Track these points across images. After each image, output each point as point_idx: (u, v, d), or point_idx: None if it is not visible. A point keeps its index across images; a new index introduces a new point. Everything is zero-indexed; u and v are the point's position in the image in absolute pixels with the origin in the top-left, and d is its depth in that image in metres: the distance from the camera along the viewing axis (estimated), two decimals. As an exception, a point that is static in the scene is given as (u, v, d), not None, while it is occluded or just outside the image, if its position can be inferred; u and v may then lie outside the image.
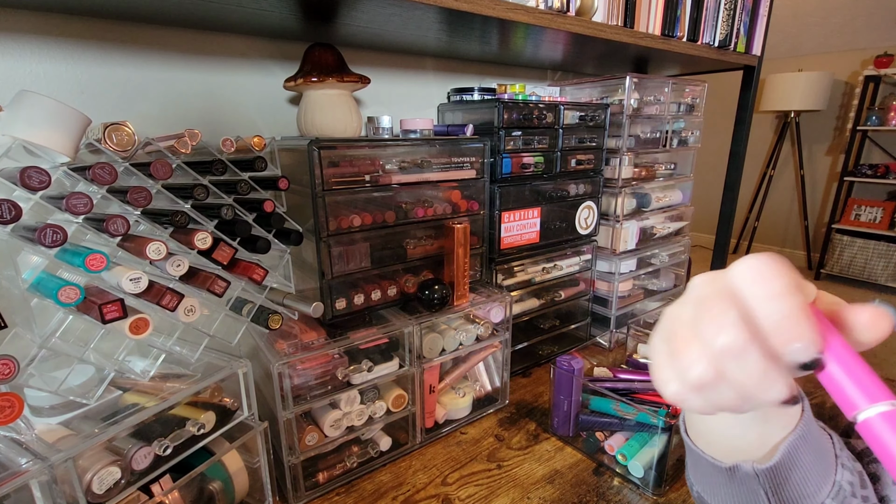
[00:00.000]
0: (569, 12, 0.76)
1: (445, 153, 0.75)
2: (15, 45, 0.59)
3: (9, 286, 0.45)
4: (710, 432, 0.33)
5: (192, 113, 0.74)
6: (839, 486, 0.30)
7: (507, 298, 0.80)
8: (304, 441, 0.62)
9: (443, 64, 1.01)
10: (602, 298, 1.07)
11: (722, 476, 0.32)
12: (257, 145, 0.60)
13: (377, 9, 0.61)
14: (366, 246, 0.69)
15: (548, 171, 0.90)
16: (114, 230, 0.45)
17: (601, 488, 0.65)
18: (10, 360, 0.38)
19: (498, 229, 0.85)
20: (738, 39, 1.08)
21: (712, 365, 0.23)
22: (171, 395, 0.49)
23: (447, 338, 0.74)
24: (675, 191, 1.16)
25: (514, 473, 0.68)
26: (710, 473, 0.34)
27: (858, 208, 3.21)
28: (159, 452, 0.47)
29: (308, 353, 0.61)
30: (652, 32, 0.90)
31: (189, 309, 0.49)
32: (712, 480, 0.34)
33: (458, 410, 0.80)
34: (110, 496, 0.43)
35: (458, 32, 0.77)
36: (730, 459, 0.32)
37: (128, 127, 0.49)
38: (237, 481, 0.58)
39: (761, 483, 0.30)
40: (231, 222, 0.56)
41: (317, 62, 0.71)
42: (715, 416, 0.31)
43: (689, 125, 1.14)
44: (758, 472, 0.30)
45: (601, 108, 0.95)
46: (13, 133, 0.43)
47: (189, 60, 0.72)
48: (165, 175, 0.49)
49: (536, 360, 0.99)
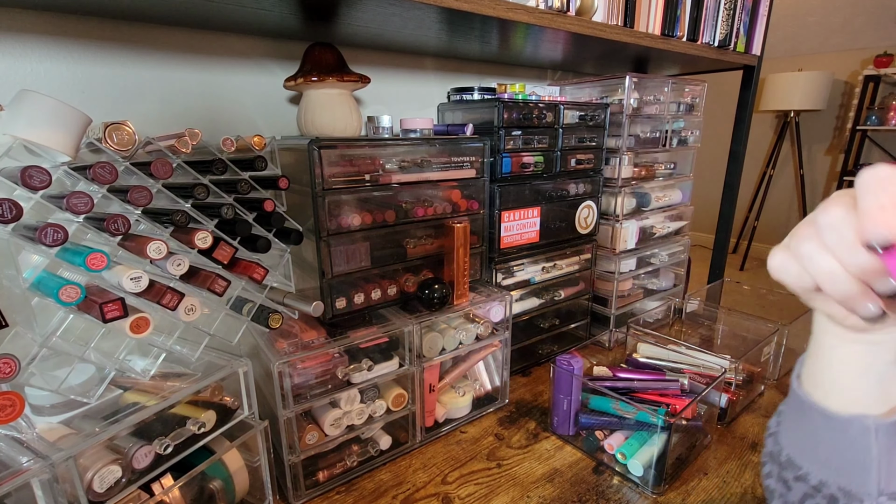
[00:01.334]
0: (569, 12, 0.76)
1: (445, 153, 0.75)
2: (16, 45, 0.59)
3: (10, 285, 0.45)
4: (832, 382, 0.33)
5: (193, 112, 0.74)
6: None
7: (507, 298, 0.80)
8: (304, 440, 0.62)
9: (443, 63, 1.01)
10: (602, 298, 1.08)
11: (833, 431, 0.32)
12: (257, 145, 0.60)
13: (377, 8, 0.61)
14: (366, 245, 0.69)
15: (548, 170, 0.90)
16: (114, 229, 0.45)
17: (601, 487, 0.66)
18: (11, 358, 0.38)
19: (498, 229, 0.85)
20: (738, 39, 1.08)
21: (815, 234, 0.28)
22: (171, 394, 0.50)
23: (447, 337, 0.74)
24: (674, 190, 1.16)
25: (514, 472, 0.69)
26: (818, 428, 0.33)
27: (858, 208, 3.21)
28: (160, 451, 0.47)
29: (308, 352, 0.61)
30: (652, 32, 0.90)
31: (189, 308, 0.49)
32: (817, 437, 0.34)
33: (458, 409, 0.80)
34: (111, 495, 0.44)
35: (459, 32, 0.77)
36: (847, 412, 0.32)
37: (128, 126, 0.49)
38: (237, 480, 0.58)
39: (877, 440, 0.30)
40: (231, 222, 0.56)
41: (317, 62, 0.71)
42: (845, 365, 0.32)
43: (689, 125, 1.14)
44: (878, 427, 0.30)
45: (601, 107, 0.95)
46: (14, 132, 0.43)
47: (189, 60, 0.72)
48: (166, 174, 0.50)
49: (536, 359, 0.99)
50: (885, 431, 0.30)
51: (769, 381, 0.92)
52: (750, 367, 0.87)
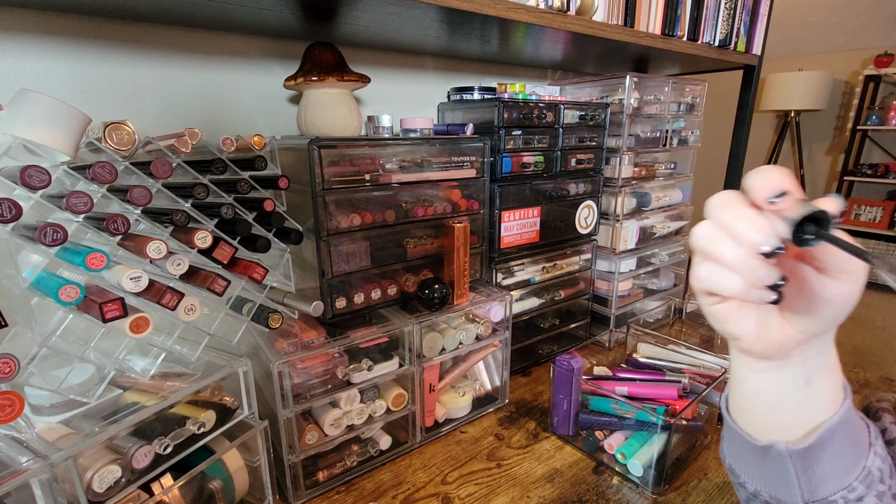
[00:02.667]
0: (569, 11, 0.76)
1: (445, 152, 0.75)
2: (15, 44, 0.59)
3: (9, 285, 0.45)
4: (752, 409, 0.35)
5: (193, 112, 0.74)
6: (868, 470, 0.32)
7: (507, 298, 0.80)
8: (304, 440, 0.62)
9: (443, 63, 1.01)
10: (602, 298, 1.08)
11: (755, 452, 0.35)
12: (257, 144, 0.60)
13: (377, 8, 0.61)
14: (366, 245, 0.69)
15: (548, 170, 0.90)
16: (114, 229, 0.45)
17: (601, 487, 0.66)
18: (10, 358, 0.38)
19: (498, 228, 0.85)
20: (739, 39, 1.08)
21: (714, 222, 0.29)
22: (171, 394, 0.50)
23: (447, 337, 0.74)
24: (674, 190, 1.16)
25: (514, 472, 0.69)
26: (744, 449, 0.36)
27: (858, 208, 3.21)
28: (159, 451, 0.47)
29: (308, 351, 0.61)
30: (652, 32, 0.90)
31: (189, 308, 0.49)
32: (745, 456, 0.36)
33: (458, 409, 0.80)
34: (111, 495, 0.44)
35: (459, 31, 0.77)
36: (766, 438, 0.34)
37: (128, 126, 0.49)
38: (237, 480, 0.58)
39: (793, 462, 0.32)
40: (231, 221, 0.56)
41: (317, 61, 0.71)
42: (759, 396, 0.34)
43: (689, 124, 1.14)
44: (791, 453, 0.32)
45: (601, 107, 0.95)
46: (14, 132, 0.43)
47: (189, 59, 0.72)
48: (165, 174, 0.50)
49: (536, 359, 0.99)
50: (798, 455, 0.32)
51: (769, 381, 0.92)
52: (750, 367, 0.86)
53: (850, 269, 0.28)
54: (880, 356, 2.26)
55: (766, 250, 0.26)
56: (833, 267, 0.28)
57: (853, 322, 2.64)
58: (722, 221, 0.28)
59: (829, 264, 0.28)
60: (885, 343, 2.39)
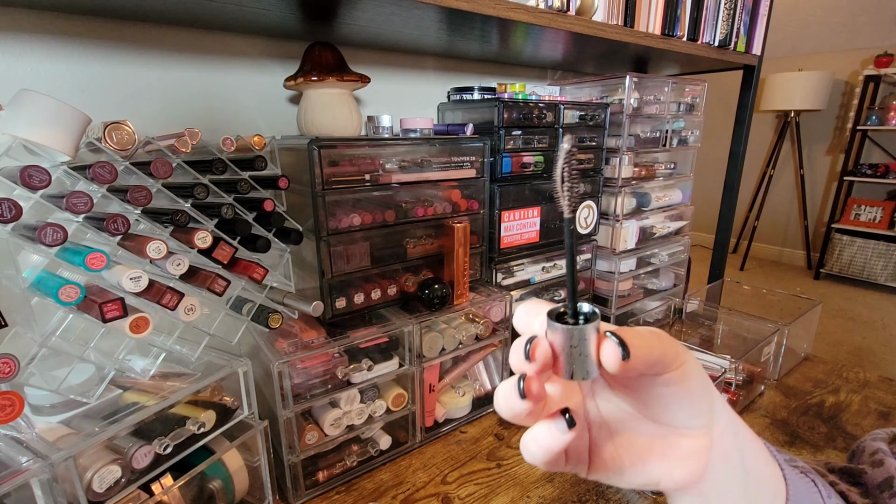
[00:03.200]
0: (569, 12, 0.76)
1: (445, 152, 0.75)
2: (15, 44, 0.59)
3: (9, 285, 0.45)
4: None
5: (192, 112, 0.74)
6: None
7: (507, 298, 0.80)
8: (304, 440, 0.62)
9: (443, 63, 1.01)
10: (602, 298, 1.08)
11: None
12: (257, 144, 0.60)
13: (377, 8, 0.61)
14: (366, 245, 0.69)
15: (548, 170, 0.90)
16: (114, 229, 0.45)
17: (600, 487, 0.66)
18: (10, 358, 0.38)
19: (498, 228, 0.85)
20: (738, 39, 1.08)
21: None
22: (171, 394, 0.50)
23: (447, 337, 0.74)
24: (674, 190, 1.16)
25: (514, 472, 0.69)
26: None
27: (858, 208, 3.21)
28: (159, 451, 0.47)
29: (308, 351, 0.61)
30: (652, 32, 0.90)
31: (189, 308, 0.49)
32: None
33: (458, 409, 0.80)
34: (111, 495, 0.44)
35: (459, 32, 0.77)
36: None
37: (128, 126, 0.49)
38: (237, 480, 0.58)
39: None
40: (231, 221, 0.56)
41: (317, 61, 0.71)
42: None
43: (689, 125, 1.14)
44: None
45: (601, 107, 0.95)
46: (13, 132, 0.43)
47: (189, 59, 0.72)
48: (165, 174, 0.50)
49: (536, 359, 0.99)
50: None
51: (769, 381, 0.92)
52: (750, 368, 0.87)
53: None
54: (880, 356, 2.26)
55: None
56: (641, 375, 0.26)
57: (853, 322, 2.64)
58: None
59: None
60: (885, 343, 2.39)
